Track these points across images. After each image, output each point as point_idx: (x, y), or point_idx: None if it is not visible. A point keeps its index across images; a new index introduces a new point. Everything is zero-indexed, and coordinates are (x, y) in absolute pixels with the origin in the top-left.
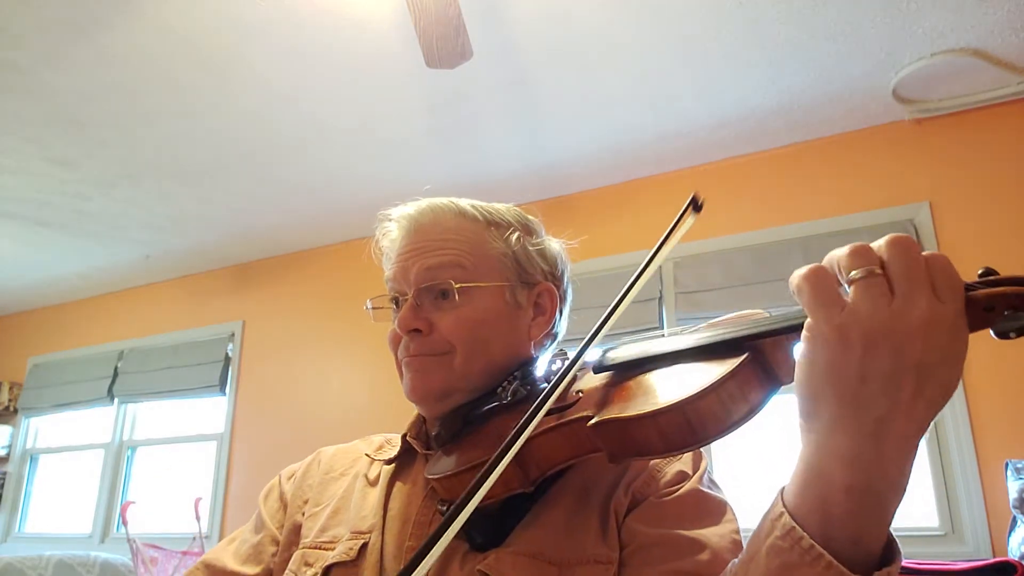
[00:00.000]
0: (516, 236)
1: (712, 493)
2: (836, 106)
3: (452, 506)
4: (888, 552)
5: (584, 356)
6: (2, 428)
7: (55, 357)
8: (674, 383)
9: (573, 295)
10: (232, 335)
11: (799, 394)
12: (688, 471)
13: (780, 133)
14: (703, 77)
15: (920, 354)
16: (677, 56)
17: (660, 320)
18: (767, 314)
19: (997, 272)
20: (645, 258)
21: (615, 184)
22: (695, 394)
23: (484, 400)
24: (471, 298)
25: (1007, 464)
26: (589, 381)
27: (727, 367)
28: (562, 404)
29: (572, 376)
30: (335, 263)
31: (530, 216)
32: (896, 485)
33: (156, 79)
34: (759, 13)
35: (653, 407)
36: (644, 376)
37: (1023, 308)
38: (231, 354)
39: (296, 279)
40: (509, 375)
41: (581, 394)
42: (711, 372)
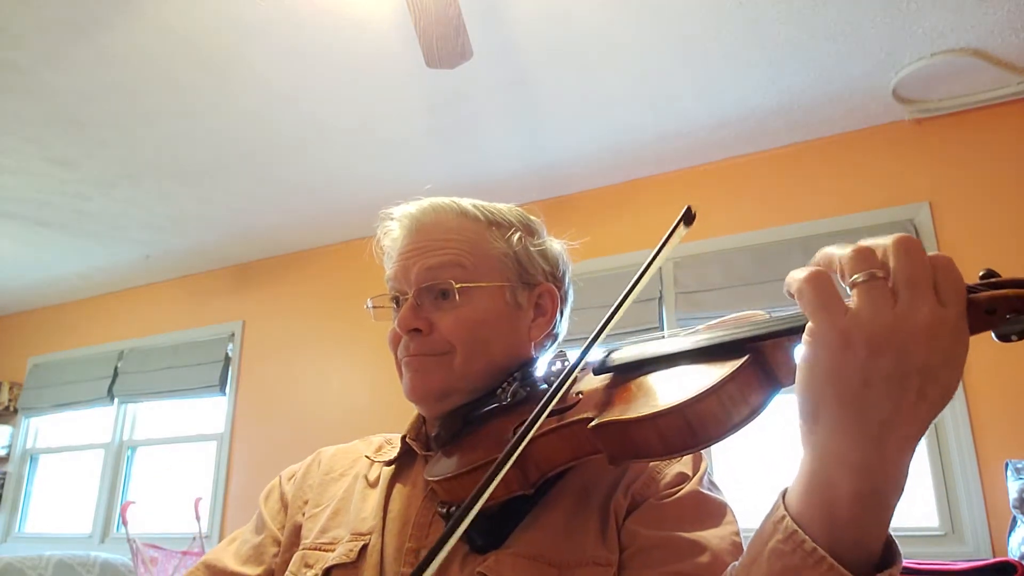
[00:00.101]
0: (517, 236)
1: (712, 495)
2: (836, 106)
3: (456, 511)
4: (888, 552)
5: (584, 359)
6: (2, 428)
7: (55, 357)
8: (674, 385)
9: (573, 295)
10: (232, 335)
11: (800, 398)
12: (688, 472)
13: (780, 133)
14: (703, 77)
15: (923, 357)
16: (677, 56)
17: (660, 320)
18: (767, 315)
19: (999, 274)
20: (645, 259)
21: (615, 184)
22: (695, 396)
23: (484, 401)
24: (471, 298)
25: (1007, 464)
26: (589, 383)
27: (727, 369)
28: (562, 406)
29: (572, 379)
30: (335, 263)
31: (532, 216)
32: (897, 485)
33: (156, 79)
34: (759, 13)
35: (653, 409)
36: (644, 378)
37: None
38: (231, 354)
39: (296, 279)
40: (509, 376)
41: (581, 396)
42: (711, 374)
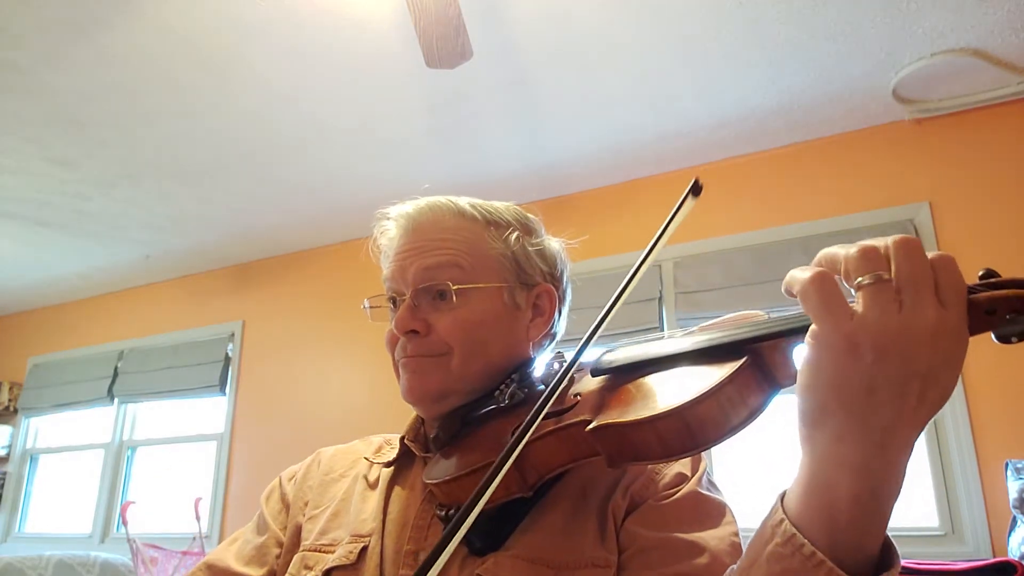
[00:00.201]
0: (515, 236)
1: (711, 495)
2: (836, 106)
3: (454, 514)
4: (886, 554)
5: (582, 358)
6: (2, 428)
7: (55, 357)
8: (673, 387)
9: (572, 295)
10: (232, 335)
11: (802, 402)
12: (687, 473)
13: (780, 133)
14: (703, 77)
15: (926, 361)
16: (677, 56)
17: (660, 320)
18: (765, 315)
19: (998, 274)
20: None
21: (615, 184)
22: (694, 399)
23: (482, 402)
24: (469, 299)
25: (1007, 464)
26: (587, 384)
27: (726, 371)
28: (560, 408)
29: (569, 380)
30: (335, 263)
31: (530, 215)
32: (896, 487)
33: (156, 79)
34: (759, 13)
35: (652, 412)
36: (642, 380)
37: None
38: (231, 354)
39: (296, 279)
40: (507, 377)
41: (579, 397)
42: (710, 376)
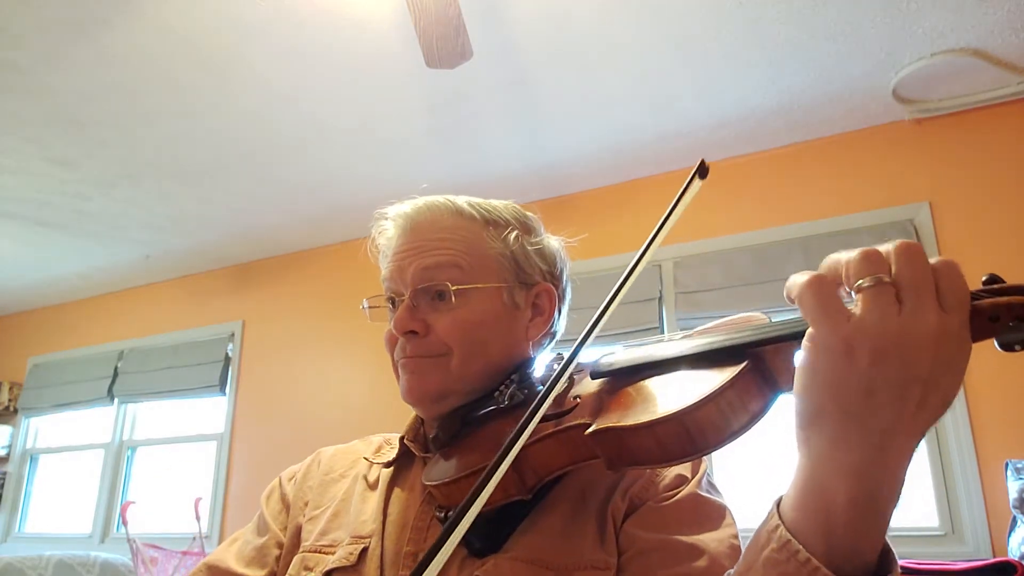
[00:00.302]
0: (514, 235)
1: (711, 497)
2: (836, 106)
3: (451, 518)
4: (884, 560)
5: (581, 356)
6: (2, 428)
7: (55, 357)
8: (673, 391)
9: (572, 295)
10: (232, 335)
11: (799, 404)
12: (687, 475)
13: (780, 133)
14: (703, 77)
15: (927, 366)
16: (677, 56)
17: (660, 320)
18: (766, 318)
19: (1003, 279)
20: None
21: (615, 184)
22: (694, 404)
23: (481, 402)
24: (468, 300)
25: (1007, 464)
26: (586, 386)
27: (726, 375)
28: (559, 410)
29: (567, 381)
30: (335, 263)
31: (528, 213)
32: (894, 493)
33: (156, 79)
34: (759, 13)
35: (651, 417)
36: (643, 383)
37: None
38: (231, 354)
39: (296, 279)
40: (507, 377)
41: (579, 399)
42: (710, 380)
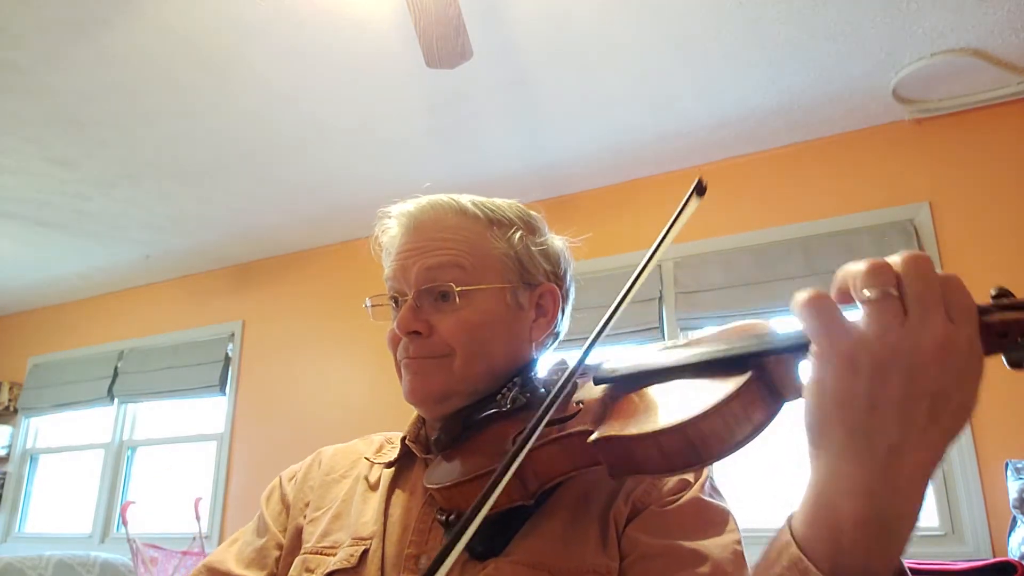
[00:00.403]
0: (519, 235)
1: (714, 502)
2: (836, 106)
3: (455, 521)
4: None
5: (585, 361)
6: (2, 428)
7: (55, 357)
8: (676, 401)
9: (574, 294)
10: (232, 335)
11: (807, 419)
12: (690, 479)
13: (780, 133)
14: (703, 77)
15: (933, 380)
16: (677, 56)
17: (660, 320)
18: (768, 326)
19: (1012, 293)
20: (646, 255)
21: (615, 184)
22: (698, 415)
23: (484, 404)
24: (472, 300)
25: (1007, 464)
26: (590, 392)
27: (731, 386)
28: (562, 416)
29: (571, 388)
30: (335, 263)
31: (532, 212)
32: (907, 513)
33: (156, 79)
34: (759, 13)
35: (655, 427)
36: (646, 391)
37: None
38: (231, 354)
39: (296, 279)
40: (509, 380)
41: (581, 405)
42: (715, 391)
